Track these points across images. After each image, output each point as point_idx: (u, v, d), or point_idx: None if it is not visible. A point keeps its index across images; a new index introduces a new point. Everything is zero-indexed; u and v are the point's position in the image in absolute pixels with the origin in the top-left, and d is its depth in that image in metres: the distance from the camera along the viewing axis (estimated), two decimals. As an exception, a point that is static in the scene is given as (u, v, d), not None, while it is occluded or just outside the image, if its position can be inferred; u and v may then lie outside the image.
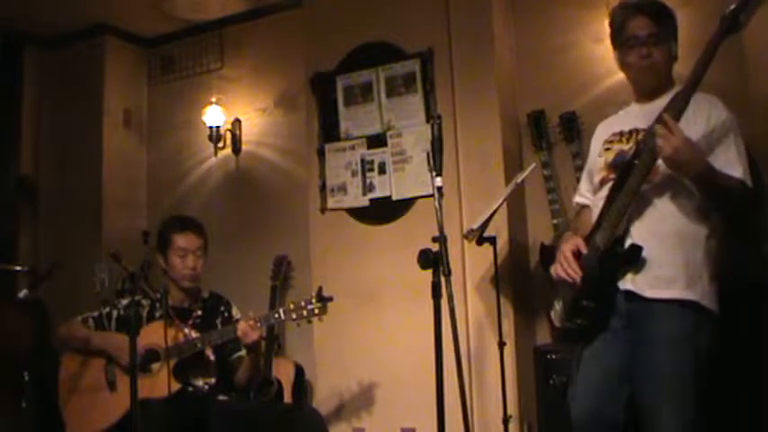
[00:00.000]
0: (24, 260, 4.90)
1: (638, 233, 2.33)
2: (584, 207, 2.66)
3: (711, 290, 2.33)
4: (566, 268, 2.41)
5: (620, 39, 2.47)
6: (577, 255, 2.41)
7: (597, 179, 2.54)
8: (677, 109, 2.23)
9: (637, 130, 2.45)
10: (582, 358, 2.45)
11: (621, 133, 2.50)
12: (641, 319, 2.32)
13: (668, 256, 2.30)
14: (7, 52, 5.13)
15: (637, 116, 2.50)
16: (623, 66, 2.51)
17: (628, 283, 2.33)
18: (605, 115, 2.72)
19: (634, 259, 2.30)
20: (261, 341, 3.27)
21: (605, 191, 2.43)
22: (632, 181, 2.29)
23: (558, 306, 2.55)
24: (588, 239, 2.42)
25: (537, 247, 3.96)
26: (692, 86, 2.23)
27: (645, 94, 2.50)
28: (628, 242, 2.32)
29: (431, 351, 2.38)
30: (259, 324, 3.18)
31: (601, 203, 2.42)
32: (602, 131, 2.63)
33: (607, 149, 2.52)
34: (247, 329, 3.13)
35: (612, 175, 2.43)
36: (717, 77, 3.67)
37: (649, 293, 2.30)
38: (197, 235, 3.38)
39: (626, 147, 2.45)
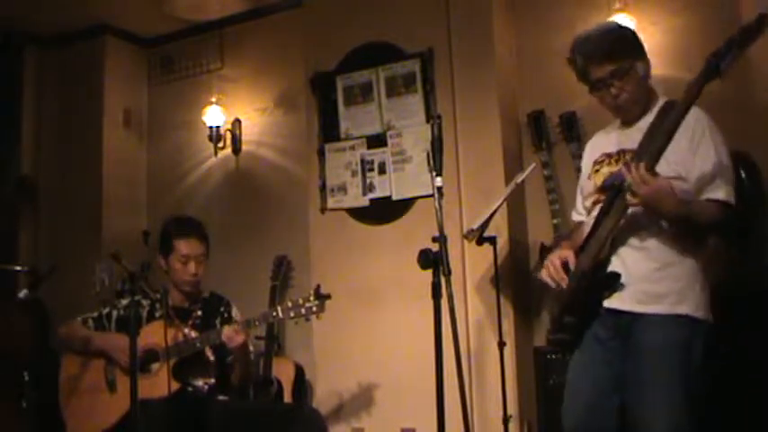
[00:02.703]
0: (24, 260, 4.89)
1: (625, 250, 2.34)
2: (580, 223, 2.65)
3: (704, 298, 2.32)
4: (551, 274, 2.44)
5: (586, 82, 2.45)
6: (565, 265, 2.43)
7: (589, 202, 2.54)
8: (656, 150, 2.20)
9: (624, 151, 2.44)
10: (570, 368, 2.47)
11: (609, 155, 2.49)
12: (629, 330, 2.32)
13: (656, 272, 2.30)
14: (7, 52, 5.13)
15: (624, 136, 2.48)
16: (599, 102, 2.49)
17: (614, 301, 2.34)
18: (605, 115, 2.71)
19: (612, 285, 2.32)
20: (246, 345, 3.23)
21: (596, 211, 2.44)
22: (618, 204, 2.28)
23: (548, 318, 2.57)
24: (577, 254, 2.43)
25: (537, 248, 3.96)
26: (674, 128, 2.19)
27: (627, 120, 2.50)
28: (613, 261, 2.34)
29: (431, 351, 2.38)
30: (256, 326, 3.19)
31: (591, 223, 2.43)
32: (592, 150, 2.62)
33: (596, 171, 2.52)
34: (231, 333, 3.13)
35: (603, 197, 2.43)
36: (720, 82, 3.70)
37: (638, 309, 2.30)
38: (200, 241, 3.36)
39: (614, 169, 2.44)
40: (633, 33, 2.46)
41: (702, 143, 2.29)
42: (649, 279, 2.30)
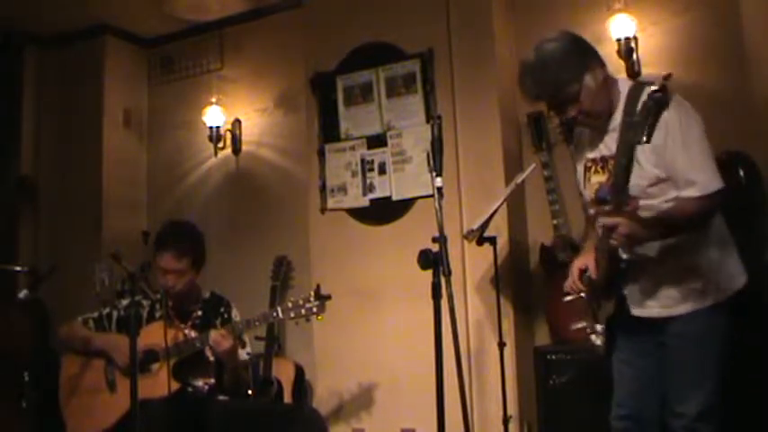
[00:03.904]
0: (24, 260, 4.89)
1: (640, 262, 2.36)
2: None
3: (725, 278, 2.35)
4: (570, 285, 2.52)
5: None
6: (584, 272, 2.49)
7: (591, 212, 2.55)
8: (618, 191, 2.18)
9: (605, 159, 2.44)
10: (614, 364, 2.53)
11: (595, 161, 2.49)
12: (661, 329, 2.38)
13: (673, 277, 2.34)
14: (7, 52, 5.13)
15: (601, 141, 2.47)
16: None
17: (639, 310, 2.39)
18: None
19: (623, 306, 2.39)
20: (234, 350, 3.21)
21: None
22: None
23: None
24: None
25: (537, 248, 3.97)
26: (625, 177, 2.13)
27: (594, 130, 2.49)
28: (629, 273, 2.37)
29: (431, 351, 2.38)
30: (256, 326, 3.20)
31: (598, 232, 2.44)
32: (579, 152, 2.62)
33: (588, 180, 2.53)
34: (218, 338, 3.12)
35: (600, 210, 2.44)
36: (718, 79, 3.70)
37: (666, 313, 2.36)
38: (177, 258, 3.26)
39: (602, 178, 2.44)
40: (576, 47, 2.38)
41: (670, 136, 2.24)
42: (669, 285, 2.35)
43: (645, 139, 1.98)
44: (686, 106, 2.32)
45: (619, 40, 3.79)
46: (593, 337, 2.52)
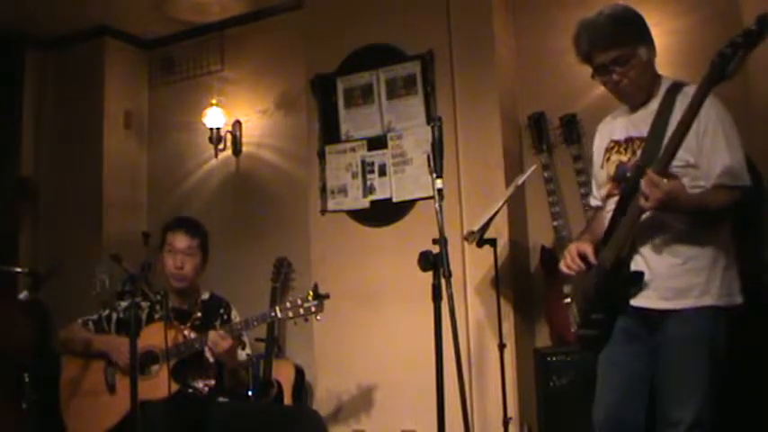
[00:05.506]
0: (24, 261, 4.89)
1: (646, 248, 2.35)
2: (598, 209, 2.66)
3: (727, 284, 2.34)
4: (569, 263, 2.47)
5: (588, 65, 2.46)
6: (584, 257, 2.45)
7: (603, 192, 2.55)
8: (667, 154, 2.19)
9: (631, 139, 2.45)
10: (600, 363, 2.49)
11: (618, 143, 2.50)
12: (658, 326, 2.35)
13: (678, 267, 2.32)
14: (8, 53, 5.13)
15: (631, 123, 2.48)
16: (602, 85, 2.50)
17: (641, 299, 2.35)
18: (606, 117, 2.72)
19: (636, 284, 2.34)
20: (234, 351, 3.20)
21: (612, 204, 2.44)
22: (635, 205, 2.27)
23: (574, 311, 2.57)
24: (597, 248, 2.44)
25: (537, 250, 3.97)
26: (683, 133, 2.16)
27: (632, 106, 2.51)
28: (635, 258, 2.35)
29: (431, 353, 2.38)
30: (254, 326, 3.20)
31: (608, 216, 2.43)
32: (602, 136, 2.62)
33: (608, 160, 2.52)
34: (217, 339, 3.12)
35: (616, 191, 2.44)
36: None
37: (665, 306, 2.33)
38: (188, 234, 3.35)
39: (624, 158, 2.45)
40: (639, 17, 2.45)
41: (710, 127, 2.29)
42: (673, 275, 2.32)
43: (729, 72, 2.01)
44: (723, 106, 2.36)
45: (619, 42, 3.79)
46: (586, 330, 2.49)
